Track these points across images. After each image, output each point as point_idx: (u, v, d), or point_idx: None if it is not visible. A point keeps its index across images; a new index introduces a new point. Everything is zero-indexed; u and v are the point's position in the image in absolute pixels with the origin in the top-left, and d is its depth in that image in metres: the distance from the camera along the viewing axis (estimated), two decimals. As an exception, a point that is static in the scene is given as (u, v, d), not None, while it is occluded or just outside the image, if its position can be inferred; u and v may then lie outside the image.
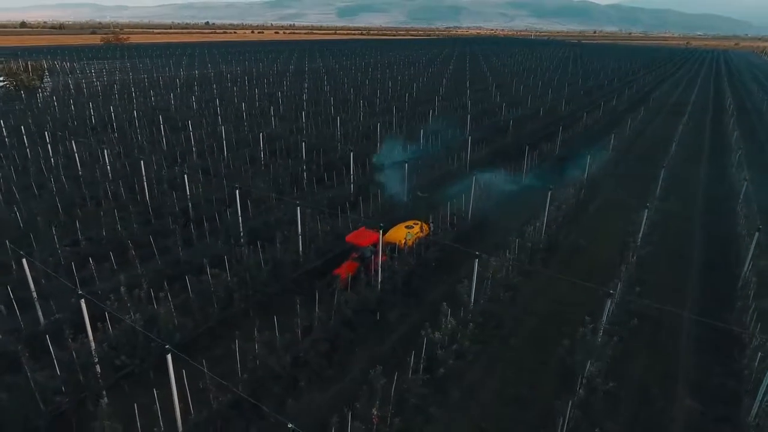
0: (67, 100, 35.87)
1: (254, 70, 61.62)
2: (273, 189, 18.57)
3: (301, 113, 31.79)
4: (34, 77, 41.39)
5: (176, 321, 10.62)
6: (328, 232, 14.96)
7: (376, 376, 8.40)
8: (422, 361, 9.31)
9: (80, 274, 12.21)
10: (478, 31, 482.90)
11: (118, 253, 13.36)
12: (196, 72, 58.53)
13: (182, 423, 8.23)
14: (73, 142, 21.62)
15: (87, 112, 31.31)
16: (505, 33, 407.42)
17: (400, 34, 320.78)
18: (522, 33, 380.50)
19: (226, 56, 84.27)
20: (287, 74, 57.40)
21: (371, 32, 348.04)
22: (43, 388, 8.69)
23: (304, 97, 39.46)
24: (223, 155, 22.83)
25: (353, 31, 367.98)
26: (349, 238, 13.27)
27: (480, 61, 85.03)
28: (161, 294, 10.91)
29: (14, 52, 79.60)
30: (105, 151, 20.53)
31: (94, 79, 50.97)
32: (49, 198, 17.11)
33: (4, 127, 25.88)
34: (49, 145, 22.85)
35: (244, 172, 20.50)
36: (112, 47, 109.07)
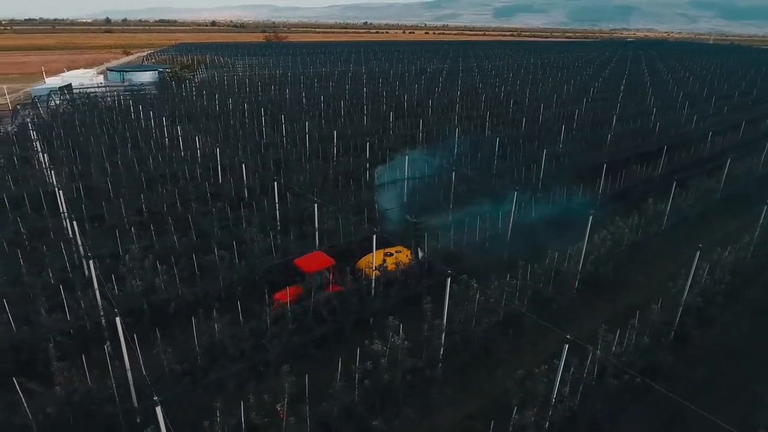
0: (201, 91, 41.27)
1: (379, 68, 63.89)
2: (311, 186, 19.38)
3: (388, 113, 32.30)
4: (185, 70, 48.16)
5: (164, 293, 11.87)
6: (342, 230, 15.30)
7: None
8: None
9: (123, 239, 14.26)
10: (647, 33, 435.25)
11: (159, 225, 15.27)
12: (327, 69, 62.64)
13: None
14: (178, 127, 24.97)
15: (212, 102, 35.77)
16: (677, 36, 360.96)
17: (554, 36, 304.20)
18: (701, 36, 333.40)
19: (367, 55, 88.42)
20: (419, 74, 58.46)
21: (523, 33, 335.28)
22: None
23: (400, 99, 39.90)
24: (294, 149, 24.34)
25: (505, 32, 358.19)
26: (298, 261, 12.61)
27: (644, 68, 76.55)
28: (163, 266, 12.31)
29: (192, 48, 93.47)
30: (197, 137, 23.35)
31: (239, 73, 57.58)
32: (140, 171, 20.10)
33: (141, 110, 30.80)
34: (165, 128, 26.80)
35: (300, 168, 21.61)
36: (272, 45, 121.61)
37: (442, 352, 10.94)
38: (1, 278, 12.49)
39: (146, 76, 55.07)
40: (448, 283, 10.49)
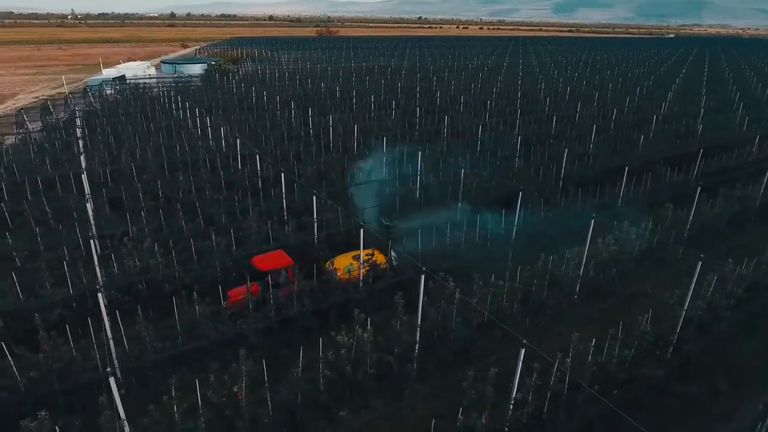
0: (240, 83, 42.61)
1: (421, 64, 63.52)
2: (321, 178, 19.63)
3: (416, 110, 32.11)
4: (230, 63, 49.84)
5: (158, 274, 12.49)
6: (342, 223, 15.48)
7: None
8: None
9: (134, 221, 15.11)
10: (719, 30, 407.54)
11: (171, 210, 16.02)
12: (369, 63, 62.95)
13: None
14: (207, 117, 25.98)
15: (249, 94, 36.89)
16: (752, 33, 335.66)
17: (616, 32, 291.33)
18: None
19: (413, 50, 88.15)
20: (463, 70, 57.80)
21: (581, 29, 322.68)
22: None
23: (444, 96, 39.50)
24: (315, 142, 24.73)
25: (562, 28, 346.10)
26: (255, 259, 12.54)
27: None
28: (161, 249, 12.95)
29: (244, 41, 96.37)
30: (224, 127, 24.21)
31: (282, 66, 58.96)
32: (167, 158, 21.10)
33: (180, 101, 32.23)
34: (197, 119, 27.95)
35: (316, 160, 21.96)
36: (321, 39, 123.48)
37: (417, 349, 10.91)
38: (22, 252, 13.52)
39: (195, 69, 57.41)
40: (422, 280, 10.42)
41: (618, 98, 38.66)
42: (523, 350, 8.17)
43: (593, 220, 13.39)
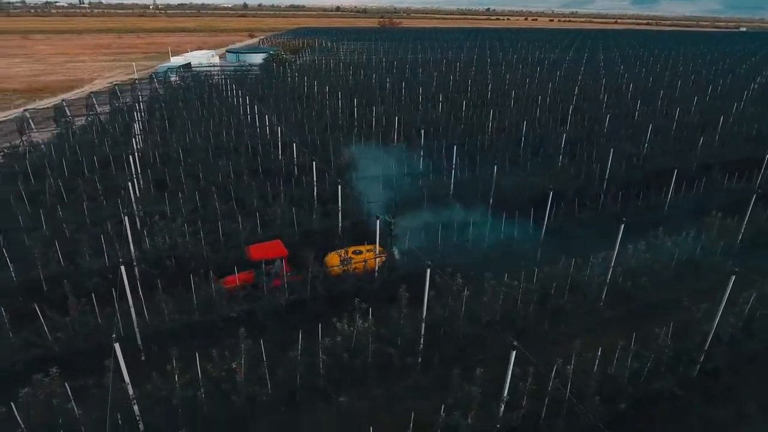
0: (295, 73, 43.63)
1: (478, 56, 62.21)
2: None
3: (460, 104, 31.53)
4: (288, 53, 51.13)
5: (186, 252, 13.20)
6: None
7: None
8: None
9: (172, 202, 16.02)
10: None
11: (206, 192, 16.82)
12: (426, 55, 62.48)
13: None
14: (256, 106, 26.90)
15: (301, 84, 37.77)
16: None
17: (701, 26, 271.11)
18: None
19: (475, 42, 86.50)
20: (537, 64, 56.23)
21: (662, 22, 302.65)
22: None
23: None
24: (357, 132, 24.97)
25: (641, 21, 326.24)
26: (251, 247, 12.66)
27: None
28: (190, 229, 13.68)
29: (307, 32, 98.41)
30: (269, 115, 25.00)
31: (339, 57, 59.74)
32: (214, 143, 22.11)
33: (235, 89, 33.56)
34: (247, 106, 29.01)
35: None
36: (383, 30, 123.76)
37: (422, 343, 10.88)
38: (72, 225, 14.73)
39: (257, 58, 59.38)
40: (428, 274, 10.36)
41: (686, 97, 36.08)
42: (514, 352, 7.97)
43: (623, 225, 12.73)
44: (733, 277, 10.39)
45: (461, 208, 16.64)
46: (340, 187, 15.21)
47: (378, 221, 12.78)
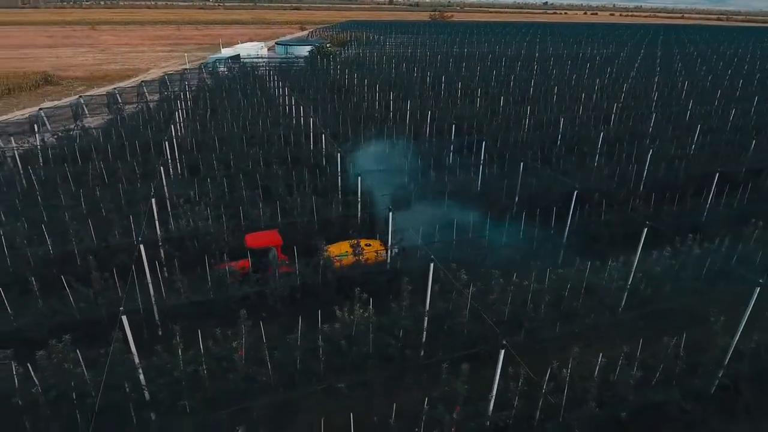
0: (338, 66, 44.11)
1: (527, 51, 60.61)
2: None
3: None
4: (333, 46, 51.69)
5: (207, 235, 13.78)
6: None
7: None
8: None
9: (202, 186, 16.73)
10: None
11: (235, 179, 17.41)
12: (473, 49, 61.49)
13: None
14: (293, 97, 27.48)
15: (343, 76, 38.19)
16: None
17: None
18: None
19: (526, 36, 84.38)
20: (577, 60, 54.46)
21: (733, 18, 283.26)
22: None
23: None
24: (389, 125, 25.02)
25: (710, 16, 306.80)
26: (249, 236, 13.03)
27: None
28: (213, 213, 14.25)
29: (356, 25, 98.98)
30: (302, 107, 25.48)
31: (384, 50, 59.82)
32: (250, 132, 22.81)
33: (277, 80, 34.38)
34: (287, 97, 29.67)
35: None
36: (434, 24, 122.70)
37: (424, 337, 10.89)
38: (108, 205, 15.67)
39: (304, 50, 60.44)
40: (431, 268, 10.35)
41: (744, 97, 33.77)
42: (503, 351, 7.86)
43: (647, 228, 12.20)
44: (758, 290, 9.79)
45: (481, 204, 16.42)
46: (360, 179, 15.38)
47: (391, 214, 12.84)
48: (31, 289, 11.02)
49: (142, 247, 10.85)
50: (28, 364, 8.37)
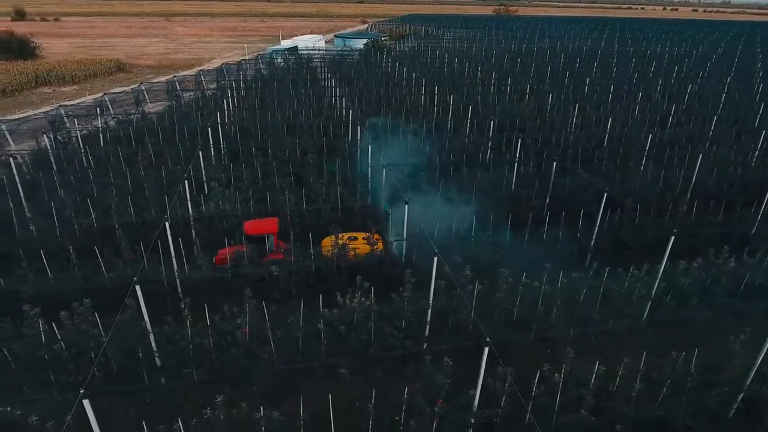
0: (389, 59, 44.26)
1: (588, 48, 57.98)
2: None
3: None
4: (387, 39, 51.86)
5: (233, 218, 14.45)
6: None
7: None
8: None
9: (237, 171, 17.53)
10: None
11: (270, 166, 18.09)
12: (533, 45, 59.61)
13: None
14: (338, 88, 27.97)
15: (393, 70, 38.36)
16: None
17: None
18: None
19: (593, 33, 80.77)
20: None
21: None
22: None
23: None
24: (428, 119, 24.93)
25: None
26: (247, 222, 13.36)
27: None
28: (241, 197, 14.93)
29: (415, 18, 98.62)
30: (344, 98, 25.91)
31: (440, 44, 59.27)
32: (293, 122, 23.51)
33: (327, 71, 35.07)
34: (334, 88, 30.26)
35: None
36: (498, 18, 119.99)
37: (428, 329, 10.92)
38: (153, 184, 16.76)
39: (360, 43, 61.04)
40: (435, 262, 10.35)
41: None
42: (487, 349, 7.80)
43: (673, 237, 11.54)
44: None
45: (510, 203, 16.10)
46: (385, 171, 15.54)
47: (406, 206, 12.91)
48: (72, 256, 12.08)
49: (167, 224, 11.58)
50: (53, 323, 9.24)
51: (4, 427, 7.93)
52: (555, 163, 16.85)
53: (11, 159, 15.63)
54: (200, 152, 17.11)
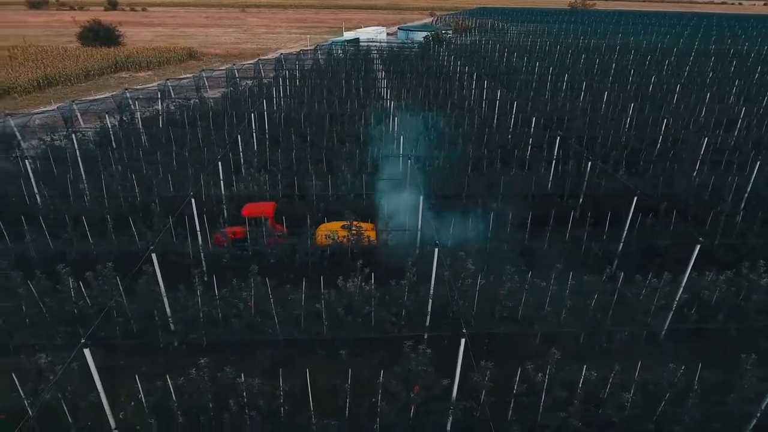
0: (446, 52, 43.86)
1: (664, 45, 54.28)
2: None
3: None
4: (447, 32, 51.36)
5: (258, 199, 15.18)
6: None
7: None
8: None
9: (273, 155, 18.32)
10: None
11: (306, 152, 18.75)
12: (604, 41, 56.77)
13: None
14: (385, 80, 28.24)
15: (448, 63, 38.08)
16: None
17: None
18: None
19: (675, 29, 75.56)
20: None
21: None
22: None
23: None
24: (472, 114, 24.62)
25: None
26: (247, 205, 13.87)
27: None
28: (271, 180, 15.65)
29: (485, 12, 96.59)
30: (389, 90, 26.12)
31: (504, 39, 57.87)
32: (339, 111, 24.11)
33: (378, 63, 35.39)
34: (383, 80, 30.54)
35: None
36: (573, 12, 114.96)
37: (429, 319, 11.01)
38: (195, 165, 17.90)
39: (422, 36, 60.89)
40: (436, 253, 10.41)
41: None
42: (463, 340, 7.82)
43: (699, 246, 10.85)
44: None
45: (539, 202, 15.69)
46: (409, 162, 15.66)
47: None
48: (110, 225, 13.29)
49: (193, 201, 12.43)
50: (80, 282, 10.28)
51: (29, 371, 8.89)
52: (590, 163, 16.20)
53: (73, 135, 17.25)
54: (239, 136, 18.04)
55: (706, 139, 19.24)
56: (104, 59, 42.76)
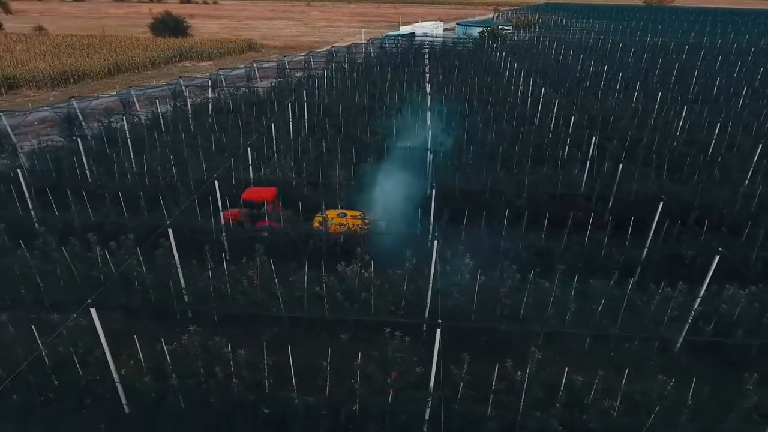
0: (498, 50, 42.98)
1: (740, 44, 50.26)
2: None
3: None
4: (506, 28, 50.26)
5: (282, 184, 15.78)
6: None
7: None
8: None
9: (305, 146, 18.93)
10: None
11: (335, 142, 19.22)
12: (683, 40, 53.46)
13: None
14: (429, 75, 28.18)
15: (497, 61, 37.39)
16: None
17: None
18: None
19: (756, 28, 69.91)
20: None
21: None
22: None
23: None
24: (509, 112, 24.15)
25: None
26: (249, 188, 14.48)
27: None
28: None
29: (552, 8, 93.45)
30: (430, 85, 26.08)
31: (566, 36, 55.83)
32: (378, 103, 24.48)
33: (430, 59, 35.31)
34: (426, 75, 30.52)
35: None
36: (648, 9, 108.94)
37: (428, 309, 11.11)
38: (231, 149, 18.83)
39: (478, 32, 59.93)
40: (435, 246, 10.47)
41: None
42: (439, 330, 7.90)
43: (718, 257, 10.23)
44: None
45: (565, 203, 15.26)
46: (431, 155, 15.70)
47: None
48: (146, 202, 14.35)
49: (216, 183, 13.17)
50: (105, 250, 11.24)
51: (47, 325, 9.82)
52: (621, 165, 15.53)
53: (124, 118, 18.62)
54: (272, 124, 18.76)
55: (761, 146, 17.85)
56: (170, 49, 45.45)
